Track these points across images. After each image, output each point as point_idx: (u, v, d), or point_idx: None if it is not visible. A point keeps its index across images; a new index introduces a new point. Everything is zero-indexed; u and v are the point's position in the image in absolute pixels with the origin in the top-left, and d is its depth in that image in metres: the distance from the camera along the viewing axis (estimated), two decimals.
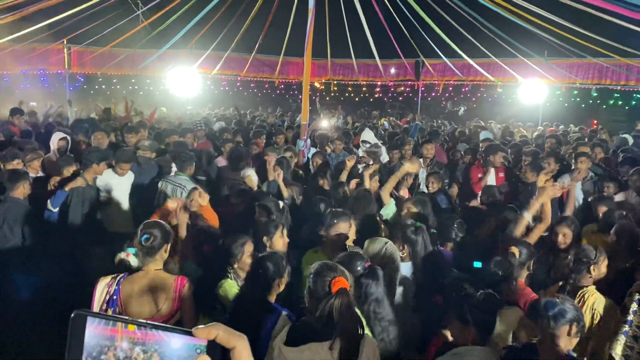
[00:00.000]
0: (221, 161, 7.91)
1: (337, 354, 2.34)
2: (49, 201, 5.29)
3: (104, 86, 21.72)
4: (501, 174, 7.19)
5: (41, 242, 5.21)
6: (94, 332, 0.81)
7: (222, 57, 18.34)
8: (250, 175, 6.20)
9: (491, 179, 7.13)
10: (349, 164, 6.40)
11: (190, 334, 0.82)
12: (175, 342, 0.82)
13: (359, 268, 3.09)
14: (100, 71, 18.48)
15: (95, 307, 3.19)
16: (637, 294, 3.37)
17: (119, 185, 6.05)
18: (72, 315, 0.81)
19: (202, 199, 4.46)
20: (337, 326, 2.36)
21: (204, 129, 9.45)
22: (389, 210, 5.22)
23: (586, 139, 10.64)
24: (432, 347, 3.01)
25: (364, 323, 2.76)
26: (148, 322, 0.82)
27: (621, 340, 3.32)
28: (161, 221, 3.62)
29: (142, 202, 6.09)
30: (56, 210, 5.30)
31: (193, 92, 15.97)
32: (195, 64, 17.33)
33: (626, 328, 3.33)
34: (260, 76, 20.33)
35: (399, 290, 3.64)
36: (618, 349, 3.29)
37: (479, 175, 7.29)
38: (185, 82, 15.00)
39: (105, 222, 5.87)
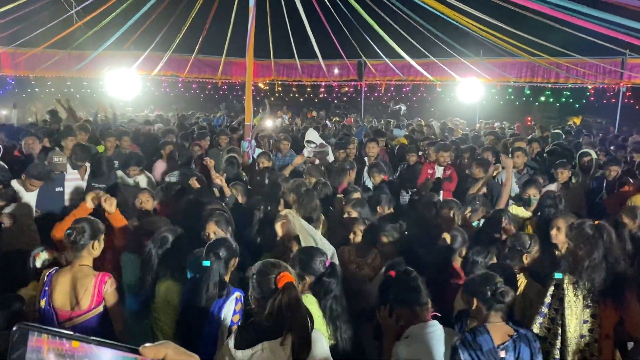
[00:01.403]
0: (160, 164, 7.69)
1: (289, 350, 2.30)
2: None
3: (37, 89, 20.69)
4: (448, 172, 7.31)
5: None
6: None
7: (162, 58, 17.84)
8: (139, 182, 6.29)
9: (439, 173, 7.27)
10: (297, 160, 6.72)
11: (137, 352, 0.79)
12: (105, 355, 0.78)
13: (319, 266, 3.12)
14: (32, 73, 17.56)
15: (38, 298, 3.41)
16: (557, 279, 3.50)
17: (26, 201, 5.40)
18: (14, 328, 0.76)
19: (109, 205, 4.24)
20: (287, 321, 2.33)
21: (130, 134, 8.86)
22: None
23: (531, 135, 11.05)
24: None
25: (319, 318, 2.82)
26: (92, 338, 0.79)
27: (537, 321, 3.44)
28: (92, 218, 3.62)
29: (48, 217, 5.50)
30: None
31: (132, 94, 15.46)
32: (134, 65, 16.78)
33: (544, 310, 3.45)
34: (202, 77, 19.92)
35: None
36: (535, 329, 3.43)
37: (429, 171, 7.39)
38: (124, 84, 14.50)
39: (4, 242, 5.13)
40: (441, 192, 6.77)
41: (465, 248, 4.19)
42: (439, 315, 3.03)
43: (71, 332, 0.78)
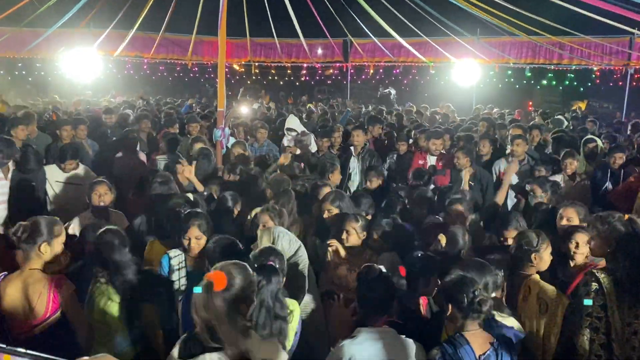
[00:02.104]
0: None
1: None
2: None
3: None
4: (441, 162, 7.33)
5: None
6: None
7: (126, 37, 17.59)
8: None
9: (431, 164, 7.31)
10: (283, 160, 6.73)
11: None
12: None
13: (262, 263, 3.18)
14: None
15: None
16: (595, 284, 3.44)
17: None
18: None
19: None
20: (217, 330, 2.33)
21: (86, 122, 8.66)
22: None
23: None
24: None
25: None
26: (27, 352, 0.83)
27: (585, 333, 3.41)
28: (43, 217, 3.57)
29: None
30: None
31: (92, 76, 15.28)
32: (94, 45, 16.53)
33: (586, 321, 3.41)
34: (171, 57, 19.70)
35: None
36: (584, 343, 3.40)
37: (420, 162, 7.43)
38: (83, 66, 14.31)
39: None
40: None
41: (467, 251, 4.17)
42: (399, 322, 3.08)
43: (3, 346, 0.83)
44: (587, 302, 3.43)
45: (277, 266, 3.15)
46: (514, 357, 2.92)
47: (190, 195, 4.77)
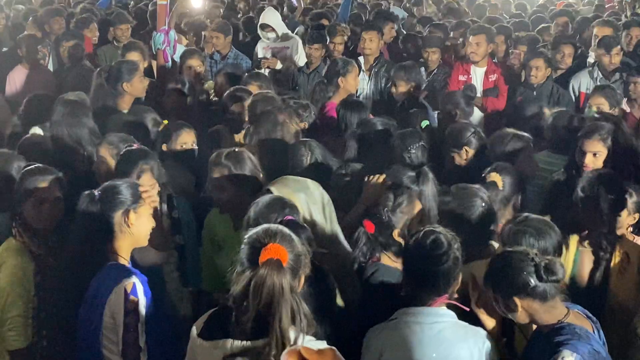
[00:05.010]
0: (20, 72, 7.75)
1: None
2: None
3: None
4: (493, 77, 7.34)
5: None
6: None
7: None
8: None
9: (477, 81, 7.33)
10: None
11: None
12: None
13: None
14: None
15: None
16: None
17: None
18: None
19: None
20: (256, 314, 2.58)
21: None
22: None
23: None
24: None
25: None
26: None
27: None
28: None
29: None
30: None
31: None
32: None
33: None
34: None
35: None
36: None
37: (461, 78, 7.42)
38: None
39: None
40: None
41: (519, 197, 4.27)
42: (465, 308, 3.12)
43: None
44: None
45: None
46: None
47: None
